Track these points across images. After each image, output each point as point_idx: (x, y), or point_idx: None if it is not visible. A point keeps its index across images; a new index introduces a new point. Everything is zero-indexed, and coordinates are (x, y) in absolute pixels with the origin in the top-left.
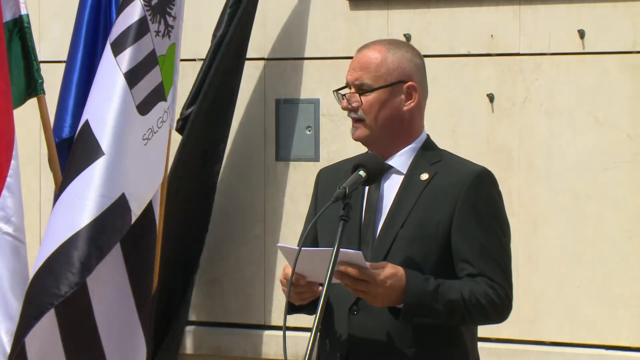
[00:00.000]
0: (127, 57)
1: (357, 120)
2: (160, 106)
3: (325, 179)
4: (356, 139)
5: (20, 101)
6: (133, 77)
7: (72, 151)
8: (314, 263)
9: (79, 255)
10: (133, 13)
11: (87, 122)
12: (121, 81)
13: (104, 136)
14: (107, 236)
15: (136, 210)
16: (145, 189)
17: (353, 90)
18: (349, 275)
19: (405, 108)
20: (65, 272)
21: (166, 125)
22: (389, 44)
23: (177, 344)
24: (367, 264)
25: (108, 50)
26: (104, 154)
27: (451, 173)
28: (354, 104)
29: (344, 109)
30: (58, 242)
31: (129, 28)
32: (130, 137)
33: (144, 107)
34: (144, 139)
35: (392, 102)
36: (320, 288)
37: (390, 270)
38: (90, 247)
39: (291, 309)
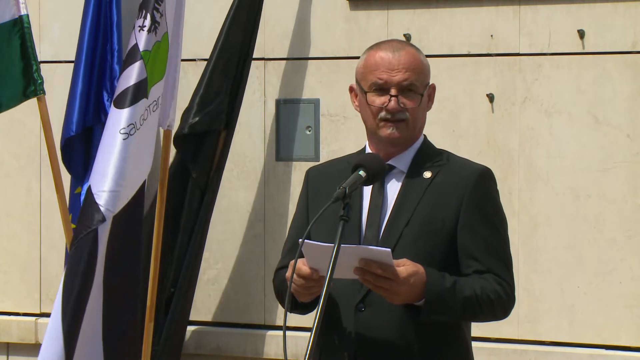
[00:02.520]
0: None
1: (399, 121)
2: (142, 104)
3: (316, 178)
4: (395, 139)
5: (17, 101)
6: None
7: None
8: (323, 258)
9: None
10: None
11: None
12: None
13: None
14: (77, 234)
15: (108, 205)
16: (120, 185)
17: (395, 91)
18: (371, 272)
19: (428, 110)
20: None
21: (150, 123)
22: (412, 46)
23: (176, 345)
24: (393, 261)
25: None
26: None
27: (454, 171)
28: (411, 106)
29: (392, 110)
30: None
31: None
32: (105, 131)
33: (122, 100)
34: (121, 133)
35: (426, 104)
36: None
37: (413, 268)
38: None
39: (294, 307)
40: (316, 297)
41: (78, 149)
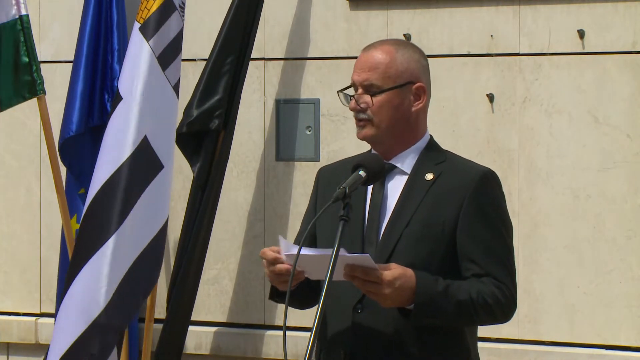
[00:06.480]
0: (156, 40)
1: (363, 120)
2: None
3: (326, 178)
4: (362, 138)
5: (16, 101)
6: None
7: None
8: (313, 263)
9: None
10: None
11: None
12: (151, 60)
13: None
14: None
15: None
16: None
17: (361, 91)
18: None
19: (413, 109)
20: None
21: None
22: (397, 44)
23: (175, 345)
24: (376, 265)
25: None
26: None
27: (457, 173)
28: (363, 105)
29: (352, 109)
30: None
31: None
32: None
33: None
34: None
35: (401, 103)
36: (304, 274)
37: (399, 271)
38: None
39: (275, 295)
40: (296, 286)
41: (82, 149)
